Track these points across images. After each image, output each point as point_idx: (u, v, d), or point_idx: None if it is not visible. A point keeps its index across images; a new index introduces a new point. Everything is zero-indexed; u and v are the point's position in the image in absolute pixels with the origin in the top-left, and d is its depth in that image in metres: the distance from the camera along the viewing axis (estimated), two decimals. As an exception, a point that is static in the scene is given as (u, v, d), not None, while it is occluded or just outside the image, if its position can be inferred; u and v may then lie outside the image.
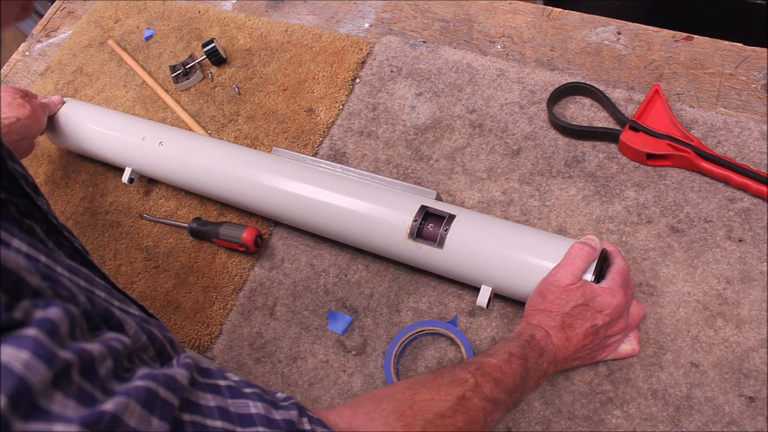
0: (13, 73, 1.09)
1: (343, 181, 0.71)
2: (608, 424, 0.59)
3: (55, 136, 0.88)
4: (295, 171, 0.73)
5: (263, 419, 0.38)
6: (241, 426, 0.37)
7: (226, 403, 0.38)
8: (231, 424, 0.37)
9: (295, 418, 0.40)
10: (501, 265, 0.61)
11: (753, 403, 0.58)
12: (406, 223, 0.65)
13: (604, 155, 0.73)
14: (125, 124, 0.83)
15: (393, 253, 0.68)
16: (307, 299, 0.73)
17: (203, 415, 0.36)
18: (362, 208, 0.67)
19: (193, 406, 0.36)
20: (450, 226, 0.64)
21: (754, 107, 0.72)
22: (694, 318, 0.62)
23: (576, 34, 0.83)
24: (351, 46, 0.90)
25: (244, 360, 0.71)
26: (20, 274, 0.31)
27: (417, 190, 0.69)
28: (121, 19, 1.07)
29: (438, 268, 0.66)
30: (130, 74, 1.00)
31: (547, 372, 0.55)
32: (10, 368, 0.27)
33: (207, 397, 0.37)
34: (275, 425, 0.39)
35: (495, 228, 0.63)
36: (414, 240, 0.65)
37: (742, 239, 0.65)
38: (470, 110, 0.80)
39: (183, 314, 0.75)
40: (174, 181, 0.81)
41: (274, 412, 0.40)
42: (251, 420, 0.38)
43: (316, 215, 0.70)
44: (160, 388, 0.33)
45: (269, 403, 0.40)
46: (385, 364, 0.65)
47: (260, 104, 0.89)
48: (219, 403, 0.37)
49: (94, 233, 0.85)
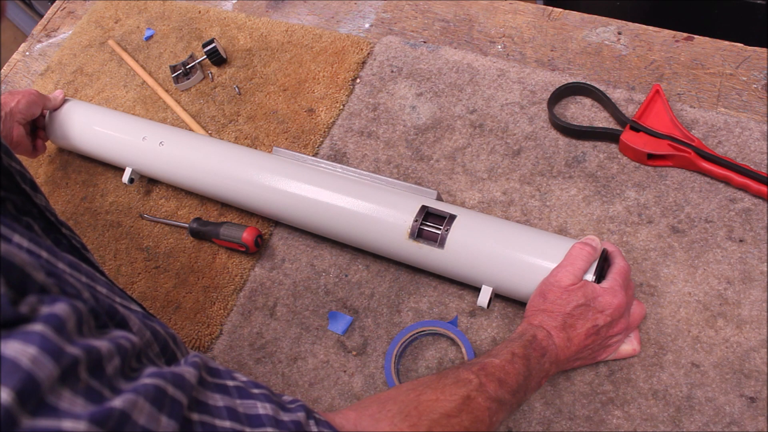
0: (13, 73, 1.09)
1: (344, 181, 0.71)
2: (609, 424, 0.59)
3: (56, 136, 0.88)
4: (296, 171, 0.73)
5: (272, 420, 0.38)
6: (249, 426, 0.37)
7: (234, 403, 0.37)
8: (240, 424, 0.36)
9: (302, 419, 0.40)
10: (502, 266, 0.61)
11: (754, 403, 0.58)
12: (406, 224, 0.65)
13: (605, 155, 0.73)
14: (126, 124, 0.83)
15: (394, 254, 0.68)
16: (308, 299, 0.73)
17: (212, 415, 0.36)
18: (363, 209, 0.67)
19: (201, 406, 0.36)
20: (450, 226, 0.64)
21: (754, 107, 0.72)
22: (695, 318, 0.62)
23: (576, 34, 0.83)
24: (351, 46, 0.90)
25: (244, 360, 0.70)
26: (25, 269, 0.30)
27: (418, 190, 0.69)
28: (121, 19, 1.07)
29: (439, 268, 0.66)
30: (130, 74, 1.00)
31: (549, 372, 0.55)
32: (18, 363, 0.26)
33: (215, 397, 0.37)
34: (283, 426, 0.38)
35: (496, 228, 0.63)
36: (415, 240, 0.65)
37: (743, 239, 0.65)
38: (471, 110, 0.80)
39: (183, 314, 0.75)
40: (175, 181, 0.81)
41: (282, 413, 0.39)
42: (260, 420, 0.38)
43: (317, 215, 0.70)
44: (168, 386, 0.33)
45: (277, 405, 0.40)
46: (386, 365, 0.65)
47: (261, 104, 0.89)
48: (227, 404, 0.37)
49: (95, 233, 0.85)
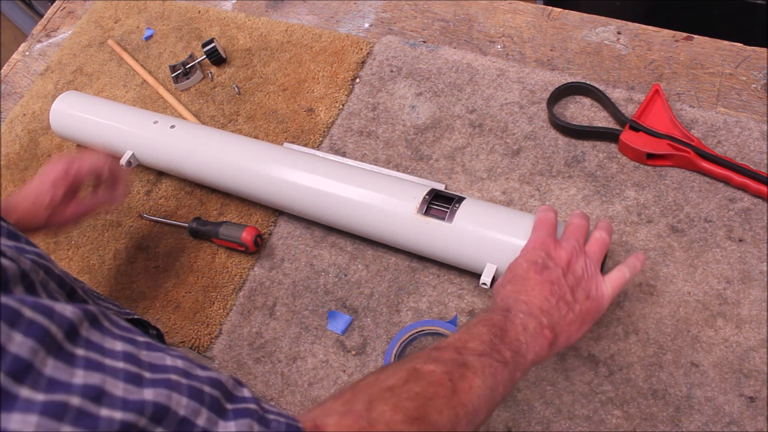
0: (13, 73, 1.09)
1: (354, 170, 0.72)
2: (608, 424, 0.59)
3: (63, 128, 0.87)
4: (305, 161, 0.73)
5: (180, 371, 0.35)
6: (150, 372, 0.33)
7: (138, 352, 0.34)
8: (137, 367, 0.33)
9: (227, 382, 0.37)
10: (507, 243, 0.61)
11: (753, 403, 0.57)
12: (416, 200, 0.66)
13: (604, 155, 0.73)
14: (134, 112, 0.84)
15: (401, 233, 0.67)
16: (307, 299, 0.73)
17: (102, 354, 0.32)
18: (373, 188, 0.68)
19: (92, 345, 0.32)
20: (459, 205, 0.65)
21: (754, 107, 0.72)
22: (695, 318, 0.62)
23: (576, 34, 0.83)
24: (351, 46, 0.90)
25: (243, 360, 0.71)
26: None
27: (426, 181, 0.70)
28: (121, 19, 1.07)
29: (444, 247, 0.65)
30: (130, 74, 1.00)
31: (528, 326, 0.50)
32: None
33: (115, 343, 0.34)
34: (195, 378, 0.35)
35: (501, 212, 0.65)
36: (423, 215, 0.65)
37: (743, 239, 0.65)
38: (470, 110, 0.80)
39: (183, 314, 0.75)
40: (181, 168, 0.80)
41: (198, 370, 0.36)
42: (164, 369, 0.34)
43: (325, 200, 0.70)
44: (25, 309, 0.31)
45: (196, 365, 0.36)
46: (385, 364, 0.65)
47: (260, 104, 0.89)
48: (128, 350, 0.34)
49: (94, 233, 0.85)
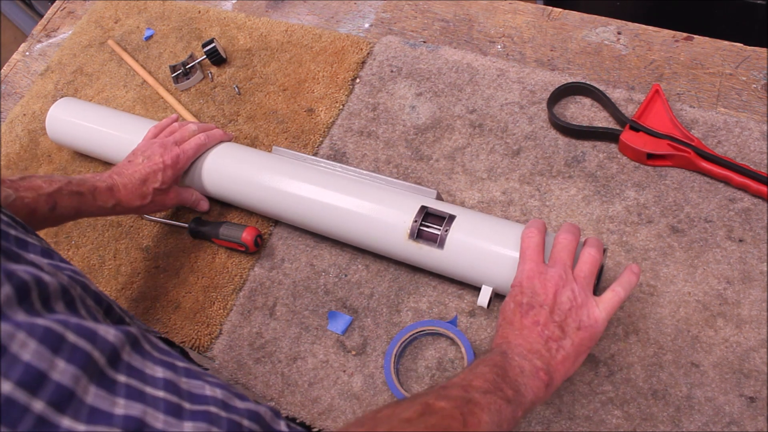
0: (13, 73, 1.09)
1: (343, 180, 0.71)
2: (609, 424, 0.59)
3: (58, 136, 0.88)
4: (295, 170, 0.73)
5: (219, 402, 0.34)
6: (189, 402, 0.33)
7: (178, 380, 0.34)
8: (177, 397, 0.32)
9: (263, 412, 0.36)
10: (501, 265, 0.61)
11: (753, 403, 0.57)
12: (406, 224, 0.65)
13: (605, 155, 0.73)
14: (128, 122, 0.84)
15: (394, 254, 0.68)
16: (307, 299, 0.73)
17: (143, 382, 0.32)
18: (362, 209, 0.67)
19: (133, 371, 0.32)
20: (450, 226, 0.64)
21: (754, 107, 0.72)
22: (695, 318, 0.62)
23: (576, 34, 0.83)
24: (351, 46, 0.90)
25: (244, 360, 0.71)
26: None
27: (417, 189, 0.69)
28: (121, 19, 1.07)
29: (439, 268, 0.66)
30: (130, 74, 1.00)
31: (524, 368, 0.51)
32: None
33: (156, 368, 0.33)
34: (234, 411, 0.34)
35: (495, 228, 0.63)
36: (414, 241, 0.65)
37: (743, 239, 0.65)
38: (470, 110, 0.80)
39: (183, 314, 0.75)
40: None
41: (236, 400, 0.36)
42: (204, 400, 0.34)
43: (317, 215, 0.70)
44: (69, 334, 0.31)
45: (233, 394, 0.36)
46: (385, 364, 0.65)
47: (260, 104, 0.89)
48: (168, 377, 0.34)
49: (94, 233, 0.85)
